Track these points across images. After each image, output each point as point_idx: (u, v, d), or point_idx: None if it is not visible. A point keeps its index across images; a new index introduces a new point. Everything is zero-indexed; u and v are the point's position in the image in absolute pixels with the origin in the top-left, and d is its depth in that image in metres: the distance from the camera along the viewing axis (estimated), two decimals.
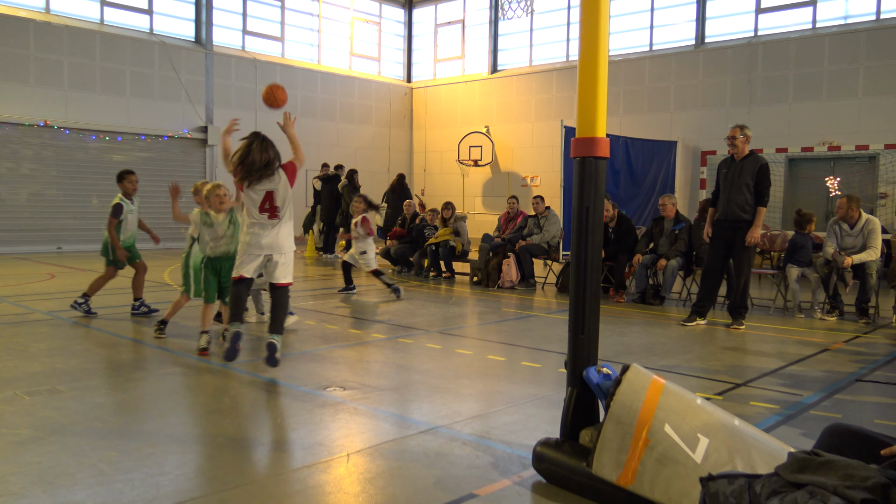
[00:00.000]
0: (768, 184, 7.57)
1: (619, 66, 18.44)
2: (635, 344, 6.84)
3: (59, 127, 16.51)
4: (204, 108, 18.95)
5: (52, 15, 16.67)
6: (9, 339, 6.46)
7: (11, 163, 16.00)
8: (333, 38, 22.44)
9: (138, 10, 18.08)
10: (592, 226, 3.47)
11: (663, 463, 2.94)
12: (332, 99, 21.94)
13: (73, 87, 16.75)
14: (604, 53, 3.42)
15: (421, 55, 24.32)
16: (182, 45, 18.70)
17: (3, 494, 3.09)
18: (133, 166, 17.79)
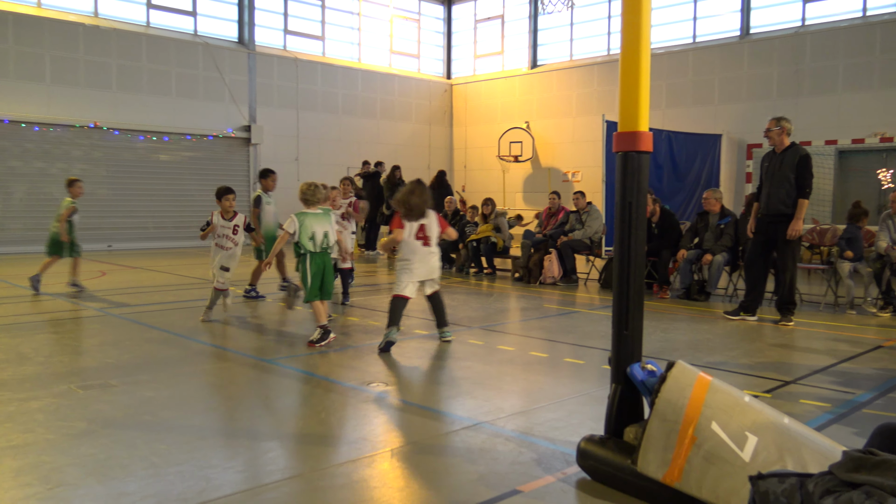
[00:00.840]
0: (810, 175, 7.36)
1: (661, 59, 18.17)
2: (680, 340, 6.75)
3: (108, 128, 16.93)
4: (247, 107, 19.23)
5: (100, 18, 17.09)
6: (63, 336, 6.65)
7: (63, 163, 16.45)
8: (373, 36, 22.56)
9: (183, 11, 18.41)
10: (635, 221, 3.43)
11: (710, 461, 2.90)
12: (372, 96, 22.07)
13: (121, 89, 17.15)
14: (646, 46, 3.38)
15: (460, 51, 24.30)
16: (225, 45, 18.99)
17: (60, 485, 3.19)
18: (179, 166, 18.26)
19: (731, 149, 16.95)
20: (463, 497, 3.14)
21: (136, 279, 11.01)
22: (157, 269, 12.04)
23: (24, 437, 3.81)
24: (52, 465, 3.42)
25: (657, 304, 8.93)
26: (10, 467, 3.39)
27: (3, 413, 4.23)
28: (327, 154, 20.87)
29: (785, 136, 7.55)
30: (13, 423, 4.06)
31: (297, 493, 3.18)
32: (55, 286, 9.82)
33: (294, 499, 3.11)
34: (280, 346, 6.40)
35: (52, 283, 9.94)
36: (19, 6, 15.92)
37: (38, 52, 15.96)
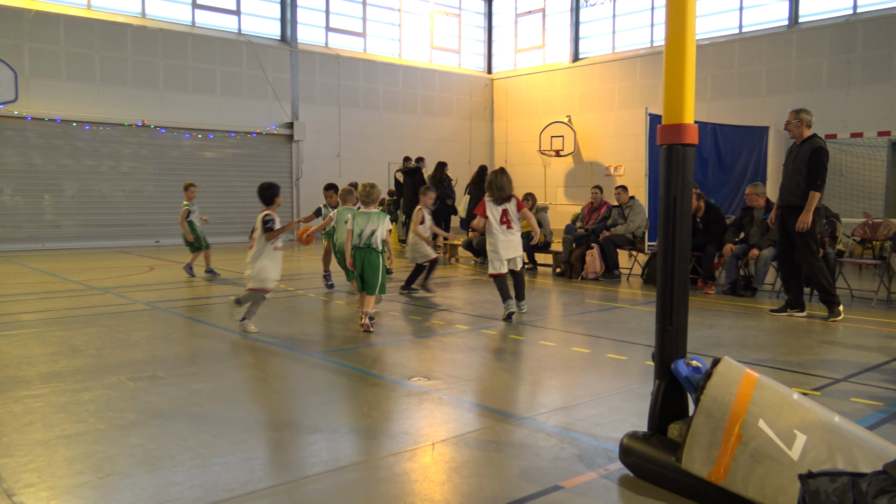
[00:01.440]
0: (821, 167, 7.23)
1: (706, 51, 17.85)
2: (725, 337, 6.64)
3: (155, 126, 17.30)
4: (290, 104, 19.45)
5: (147, 19, 17.45)
6: (113, 329, 6.83)
7: (112, 161, 16.87)
8: (414, 32, 22.62)
9: (227, 11, 18.70)
10: (680, 215, 3.38)
11: (757, 459, 2.85)
12: (413, 92, 22.13)
13: (168, 88, 17.50)
14: (691, 37, 3.32)
15: (501, 46, 24.21)
16: (268, 43, 19.23)
17: (111, 474, 3.28)
18: (223, 163, 18.56)
19: (779, 141, 16.57)
20: (504, 492, 3.13)
21: (183, 274, 11.24)
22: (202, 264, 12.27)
23: (76, 427, 3.92)
24: (103, 455, 3.51)
25: (702, 300, 8.79)
26: (63, 456, 3.50)
27: (57, 403, 4.36)
28: (368, 150, 21.01)
29: (805, 128, 7.44)
30: (66, 413, 4.18)
31: (340, 485, 3.21)
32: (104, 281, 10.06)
33: (337, 491, 3.14)
34: (323, 340, 6.47)
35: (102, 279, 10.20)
36: (70, 8, 16.35)
37: (88, 52, 16.38)
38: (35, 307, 8.09)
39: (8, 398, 4.47)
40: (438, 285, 10.03)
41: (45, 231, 16.03)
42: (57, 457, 3.49)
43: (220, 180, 18.34)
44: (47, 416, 4.11)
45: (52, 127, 16.02)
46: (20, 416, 4.12)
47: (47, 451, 3.57)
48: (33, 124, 15.77)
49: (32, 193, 15.91)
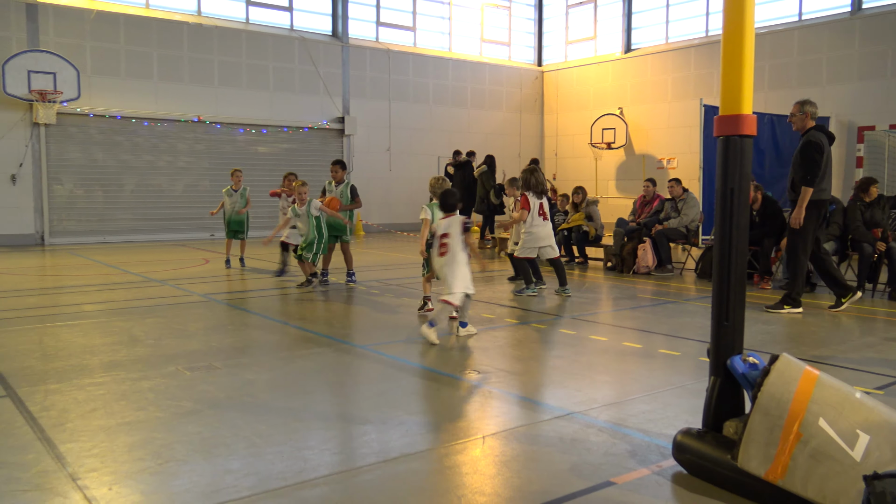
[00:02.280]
0: (811, 161, 7.05)
1: (763, 39, 17.36)
2: (783, 333, 6.47)
3: (210, 122, 17.67)
4: (341, 99, 19.64)
5: (202, 17, 17.81)
6: (170, 319, 7.01)
7: (170, 156, 17.30)
8: (464, 25, 22.57)
9: (280, 7, 18.96)
10: (737, 208, 3.30)
11: (817, 459, 2.77)
12: (462, 86, 22.10)
13: (223, 84, 17.84)
14: (750, 24, 3.23)
15: (551, 38, 23.99)
16: (320, 39, 19.44)
17: (169, 460, 3.37)
18: (276, 157, 18.86)
19: (841, 132, 16.05)
20: (555, 487, 3.12)
21: (237, 266, 11.46)
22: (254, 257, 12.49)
23: (136, 415, 4.04)
24: (162, 442, 3.61)
25: (758, 295, 8.58)
26: (124, 443, 3.61)
27: (118, 392, 4.50)
28: (418, 144, 21.08)
29: (808, 121, 7.30)
30: (127, 401, 4.31)
31: (391, 476, 3.23)
32: (161, 273, 10.32)
33: (388, 482, 3.17)
34: (375, 333, 6.53)
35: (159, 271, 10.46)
36: (129, 7, 16.79)
37: (146, 50, 16.80)
38: (96, 298, 8.36)
39: (72, 386, 4.63)
40: (487, 280, 10.01)
41: (106, 224, 16.53)
42: (118, 443, 3.60)
43: (273, 175, 18.61)
44: (109, 404, 4.24)
45: (113, 123, 16.50)
46: (83, 403, 4.26)
47: (109, 437, 3.68)
48: (95, 121, 16.27)
49: (94, 188, 16.42)
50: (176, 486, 3.09)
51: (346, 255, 9.63)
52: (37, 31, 15.50)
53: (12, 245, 15.24)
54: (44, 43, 15.51)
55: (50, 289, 9.47)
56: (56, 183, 16.01)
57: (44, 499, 2.98)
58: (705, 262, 10.38)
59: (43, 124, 15.54)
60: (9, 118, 15.28)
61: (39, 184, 15.74)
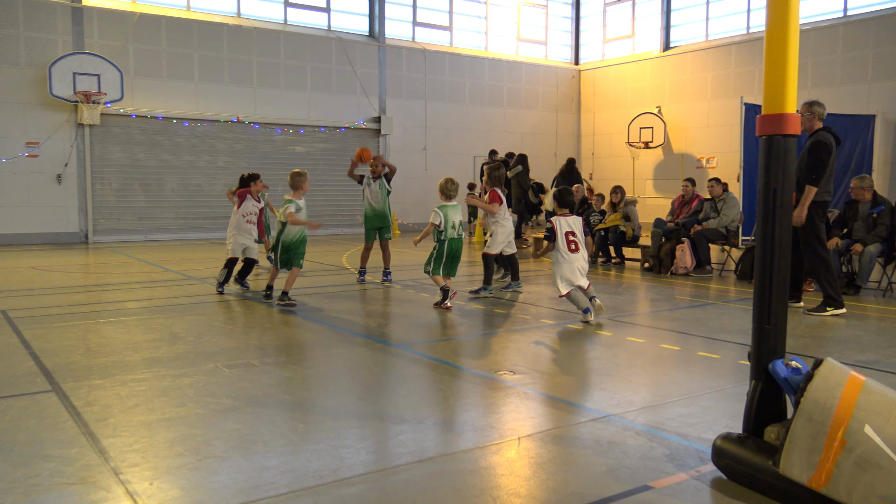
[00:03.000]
0: (817, 161, 7.04)
1: (807, 36, 17.01)
2: (827, 336, 6.33)
3: (249, 122, 17.89)
4: (377, 99, 19.74)
5: (242, 18, 18.05)
6: (210, 317, 7.12)
7: (209, 156, 17.57)
8: (500, 25, 22.52)
9: (317, 8, 19.12)
10: (780, 208, 3.24)
11: (863, 467, 2.70)
12: (498, 85, 22.05)
13: (261, 85, 18.07)
14: (794, 22, 3.16)
15: (589, 36, 23.81)
16: (357, 39, 19.56)
17: (208, 456, 3.42)
18: (313, 157, 19.02)
19: (887, 130, 15.66)
20: (592, 490, 3.09)
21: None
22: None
23: (176, 411, 4.11)
24: (201, 438, 3.66)
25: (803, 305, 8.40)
26: (165, 438, 3.67)
27: (159, 388, 4.58)
28: (454, 143, 21.09)
29: (816, 121, 7.28)
30: (168, 397, 4.38)
31: (426, 476, 3.24)
32: (201, 271, 10.47)
33: (423, 482, 3.17)
34: (411, 332, 6.55)
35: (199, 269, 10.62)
36: (171, 10, 17.09)
37: (187, 52, 17.09)
38: (138, 295, 8.52)
39: (115, 381, 4.73)
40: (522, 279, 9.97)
41: (147, 223, 16.85)
42: (159, 438, 3.66)
43: (310, 174, 18.77)
44: (150, 400, 4.32)
45: (154, 124, 16.81)
46: (126, 398, 4.35)
47: (150, 432, 3.75)
48: (137, 121, 16.60)
49: (135, 187, 16.75)
50: (215, 482, 3.13)
51: (384, 252, 9.65)
52: (82, 34, 15.87)
53: (58, 243, 15.62)
54: (88, 45, 15.87)
55: (94, 286, 9.69)
56: (99, 182, 16.37)
57: (88, 492, 3.04)
58: (745, 263, 10.20)
59: (87, 125, 15.90)
60: (55, 119, 15.67)
61: (84, 183, 16.11)
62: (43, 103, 15.47)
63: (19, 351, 5.58)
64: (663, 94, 21.01)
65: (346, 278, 10.06)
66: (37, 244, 15.35)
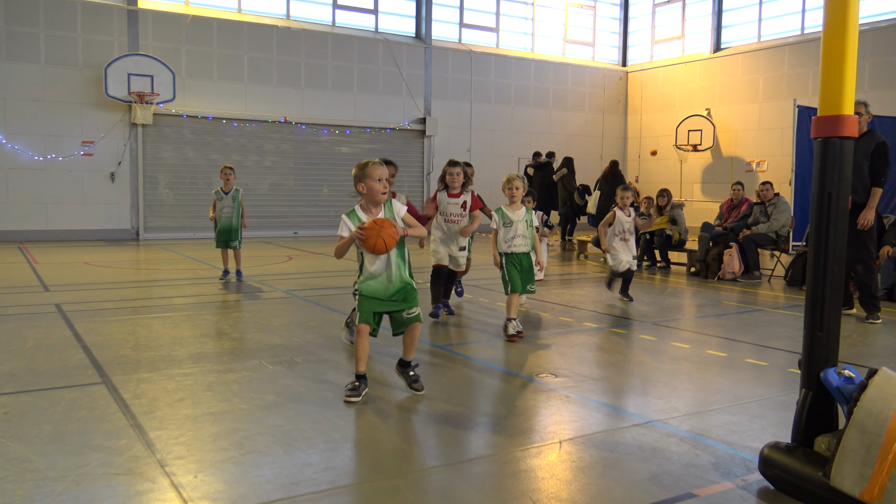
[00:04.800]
0: (886, 163, 6.98)
1: (864, 36, 16.50)
2: (881, 346, 6.13)
3: (296, 122, 18.12)
4: (423, 100, 19.80)
5: (291, 20, 18.29)
6: (255, 314, 7.22)
7: (257, 156, 17.84)
8: (547, 26, 22.39)
9: (365, 10, 19.28)
10: (836, 213, 3.14)
11: None
12: (544, 87, 21.93)
13: (309, 86, 18.28)
14: (854, 20, 3.07)
15: (637, 37, 23.52)
16: (403, 41, 19.66)
17: (252, 451, 3.46)
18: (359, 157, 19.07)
19: None
20: (634, 496, 3.04)
21: (320, 265, 11.71)
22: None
23: (221, 406, 4.17)
24: (245, 433, 3.71)
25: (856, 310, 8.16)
26: (209, 432, 3.73)
27: (205, 383, 4.66)
28: (499, 145, 21.04)
29: (866, 123, 7.20)
30: (213, 392, 4.45)
31: (466, 477, 3.23)
32: (247, 270, 10.65)
33: (463, 483, 3.16)
34: (454, 333, 6.54)
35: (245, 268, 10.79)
36: (223, 12, 17.42)
37: (237, 53, 17.39)
38: (186, 292, 8.69)
39: (163, 375, 4.82)
40: (565, 282, 9.89)
41: (196, 221, 17.17)
42: (204, 432, 3.72)
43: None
44: (196, 394, 4.40)
45: (205, 124, 17.14)
46: (172, 392, 4.43)
47: (195, 426, 3.82)
48: (188, 122, 16.95)
49: (185, 186, 17.10)
50: (257, 477, 3.17)
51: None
52: (136, 36, 16.28)
53: (110, 239, 16.04)
54: (143, 47, 16.27)
55: (143, 282, 9.92)
56: (151, 181, 16.76)
57: (134, 483, 3.10)
58: (796, 269, 9.95)
59: (140, 125, 16.30)
60: (109, 119, 16.10)
61: (136, 181, 16.51)
62: (98, 103, 15.91)
63: (72, 344, 5.74)
64: (713, 97, 20.65)
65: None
66: (90, 240, 15.78)
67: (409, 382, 4.52)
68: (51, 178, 15.73)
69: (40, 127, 15.56)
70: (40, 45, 15.44)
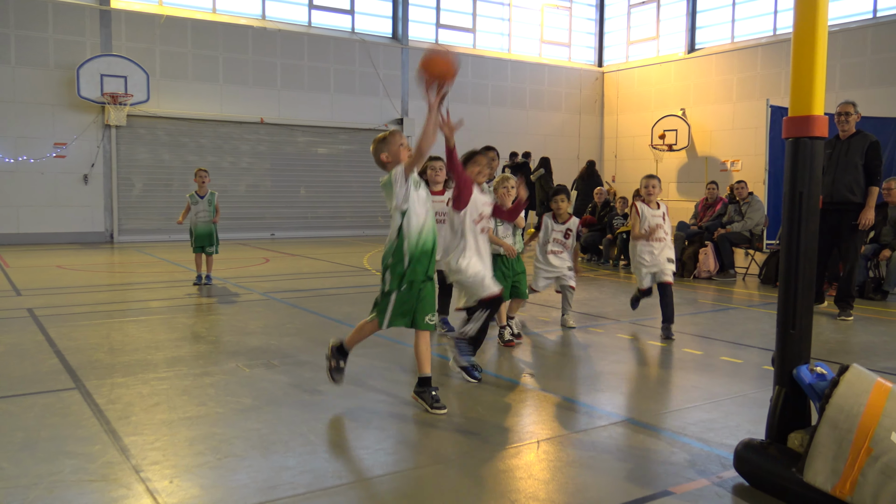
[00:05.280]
0: (880, 162, 7.19)
1: (835, 38, 16.76)
2: (853, 342, 6.23)
3: (272, 123, 18.01)
4: (400, 100, 19.77)
5: (267, 21, 18.17)
6: (231, 317, 7.16)
7: (233, 157, 17.71)
8: (524, 27, 22.46)
9: (341, 10, 19.21)
10: (806, 212, 3.19)
11: (889, 475, 2.65)
12: (521, 87, 22.00)
13: (285, 87, 18.18)
14: (823, 22, 3.11)
15: (613, 38, 23.68)
16: (380, 41, 19.61)
17: (228, 455, 3.44)
18: (335, 158, 19.08)
19: None
20: (611, 494, 3.06)
21: (297, 266, 11.65)
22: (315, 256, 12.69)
23: (197, 410, 4.13)
24: (221, 437, 3.68)
25: (826, 303, 8.28)
26: (185, 437, 3.69)
27: (181, 387, 4.62)
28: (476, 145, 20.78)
29: (854, 123, 7.44)
30: (189, 396, 4.41)
31: (444, 478, 3.23)
32: (223, 272, 10.55)
33: (441, 483, 3.16)
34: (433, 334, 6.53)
35: (221, 270, 10.70)
36: (197, 12, 17.26)
37: (212, 54, 17.25)
38: (162, 295, 8.61)
39: (137, 380, 4.77)
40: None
41: (171, 223, 16.96)
42: (180, 437, 3.69)
43: (333, 175, 18.91)
44: (172, 399, 4.35)
45: (180, 125, 16.98)
46: (147, 397, 4.39)
47: (171, 431, 3.78)
48: (162, 123, 16.77)
49: (160, 188, 16.92)
50: (234, 481, 3.15)
51: None
52: (109, 37, 16.08)
53: (84, 242, 15.83)
54: (116, 47, 16.07)
55: (118, 285, 9.80)
56: (125, 183, 16.57)
57: (109, 489, 3.07)
58: (770, 267, 10.08)
59: (114, 126, 16.10)
60: (82, 120, 15.89)
61: (110, 183, 16.31)
62: (71, 104, 15.70)
63: (44, 349, 5.66)
64: (688, 97, 20.84)
65: (367, 279, 10.08)
66: (63, 243, 15.56)
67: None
68: (22, 181, 15.49)
69: (11, 129, 15.32)
70: (10, 45, 15.19)
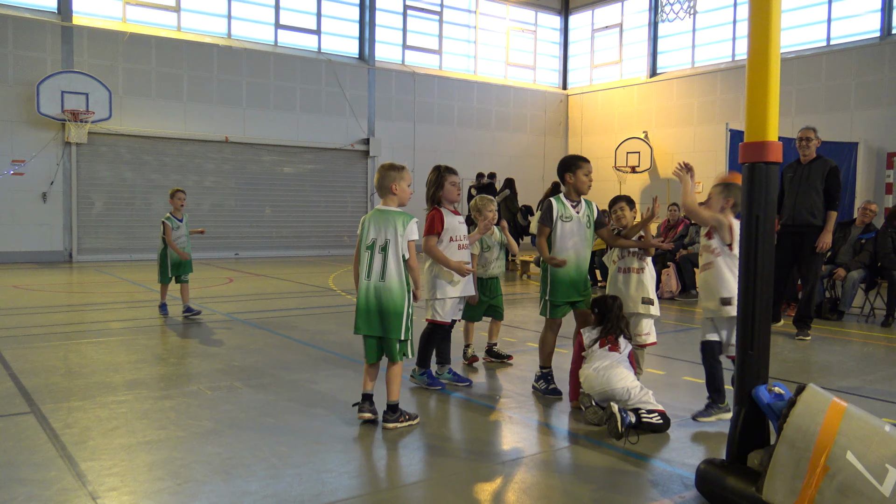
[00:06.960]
0: (839, 187, 7.40)
1: (791, 64, 17.26)
2: (810, 362, 6.36)
3: (237, 142, 17.88)
4: (366, 120, 19.80)
5: (232, 39, 18.10)
6: (194, 338, 7.06)
7: (197, 176, 17.51)
8: (489, 49, 22.71)
9: (307, 30, 19.22)
10: (763, 235, 3.27)
11: (845, 494, 2.70)
12: (487, 108, 22.19)
13: (250, 105, 18.09)
14: (775, 51, 3.22)
15: (577, 61, 24.05)
16: (347, 61, 19.65)
17: (188, 481, 3.37)
18: (301, 178, 19.00)
19: (869, 158, 15.87)
20: None
21: (261, 286, 11.54)
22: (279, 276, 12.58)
23: (157, 434, 4.06)
24: (181, 462, 3.62)
25: (784, 323, 8.45)
26: (144, 461, 3.62)
27: (140, 410, 4.53)
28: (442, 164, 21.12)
29: (815, 148, 7.66)
30: (149, 419, 4.33)
31: (410, 501, 3.21)
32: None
33: None
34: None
35: None
36: (162, 30, 17.12)
37: (176, 72, 17.10)
38: (122, 315, 8.45)
39: (95, 403, 4.67)
40: (509, 302, 9.95)
41: (132, 242, 16.72)
42: (139, 462, 3.61)
43: (298, 195, 18.81)
44: (131, 422, 4.27)
45: (142, 143, 16.76)
46: (106, 421, 4.29)
47: (130, 456, 3.70)
48: (125, 140, 16.53)
49: (122, 206, 16.65)
50: None
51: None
52: (71, 53, 15.85)
53: (41, 261, 15.48)
54: (78, 64, 15.85)
55: (77, 306, 9.60)
56: (85, 201, 16.27)
57: None
58: None
59: (74, 143, 15.83)
60: (41, 137, 15.60)
61: (69, 201, 16.00)
62: (30, 121, 15.41)
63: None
64: (650, 120, 21.22)
65: (332, 300, 10.02)
66: (20, 262, 15.20)
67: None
68: None
69: None
70: None
